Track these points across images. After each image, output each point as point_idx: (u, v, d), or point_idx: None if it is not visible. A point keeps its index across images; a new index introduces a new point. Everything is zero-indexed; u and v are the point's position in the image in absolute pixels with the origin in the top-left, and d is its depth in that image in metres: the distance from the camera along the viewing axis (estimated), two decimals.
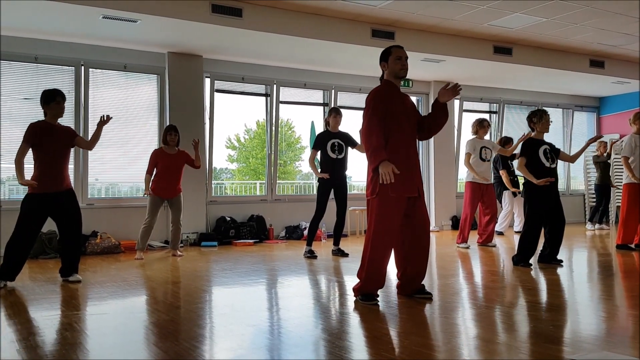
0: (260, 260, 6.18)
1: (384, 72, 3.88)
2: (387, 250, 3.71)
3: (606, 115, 12.24)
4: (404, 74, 3.82)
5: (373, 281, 3.72)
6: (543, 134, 5.52)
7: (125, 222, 7.39)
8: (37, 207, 4.56)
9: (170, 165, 6.38)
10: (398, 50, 3.82)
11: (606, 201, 9.69)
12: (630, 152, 6.41)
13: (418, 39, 8.03)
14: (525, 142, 5.52)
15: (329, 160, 6.22)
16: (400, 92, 3.87)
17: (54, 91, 4.68)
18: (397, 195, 3.64)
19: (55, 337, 3.00)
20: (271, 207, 8.74)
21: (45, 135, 4.59)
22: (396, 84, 3.86)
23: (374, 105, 3.71)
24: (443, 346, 2.76)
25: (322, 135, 6.37)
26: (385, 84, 3.87)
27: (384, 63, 3.85)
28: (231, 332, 3.07)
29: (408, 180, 3.70)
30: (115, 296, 4.17)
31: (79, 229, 4.76)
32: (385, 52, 3.85)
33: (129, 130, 7.78)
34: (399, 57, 3.79)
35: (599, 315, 3.37)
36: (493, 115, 11.11)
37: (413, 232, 3.79)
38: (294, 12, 7.12)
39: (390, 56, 3.81)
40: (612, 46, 9.01)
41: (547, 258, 5.46)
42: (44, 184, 4.56)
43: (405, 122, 3.77)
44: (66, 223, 4.68)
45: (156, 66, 7.86)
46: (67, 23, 6.53)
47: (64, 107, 4.73)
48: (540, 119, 5.46)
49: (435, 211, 9.98)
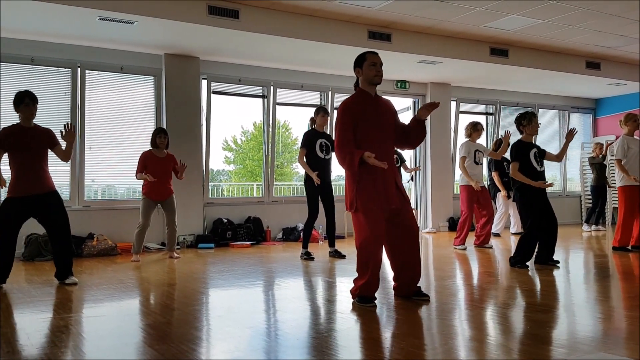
0: (257, 262, 6.17)
1: (359, 78, 3.83)
2: (377, 255, 3.69)
3: (602, 117, 12.28)
4: (379, 80, 3.76)
5: (368, 284, 3.72)
6: (532, 137, 5.53)
7: (121, 224, 7.37)
8: (16, 210, 4.49)
9: (159, 169, 6.34)
10: (373, 56, 3.77)
11: (602, 202, 9.71)
12: (622, 154, 6.42)
13: (414, 41, 8.04)
14: (515, 146, 5.50)
15: (317, 159, 6.18)
16: (374, 99, 3.79)
17: (23, 93, 4.61)
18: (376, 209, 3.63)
19: (51, 340, 2.99)
20: (268, 208, 8.74)
21: (17, 139, 4.52)
22: (370, 92, 3.80)
23: (343, 118, 3.68)
24: (440, 347, 2.76)
25: (310, 133, 6.28)
26: (357, 93, 3.81)
27: (358, 69, 3.79)
28: (228, 334, 3.06)
29: (387, 193, 3.67)
30: (112, 298, 4.16)
31: (67, 231, 4.69)
32: (360, 58, 3.79)
33: (125, 132, 7.77)
34: (374, 63, 3.73)
35: (596, 317, 3.38)
36: (489, 117, 11.14)
37: (402, 242, 3.77)
38: (290, 14, 7.13)
39: (364, 62, 3.75)
40: (608, 48, 9.05)
41: (544, 259, 5.47)
42: (21, 187, 4.50)
43: (378, 133, 3.71)
44: (52, 226, 4.62)
45: (153, 68, 7.85)
46: (64, 24, 6.52)
47: (35, 108, 4.62)
48: (530, 121, 5.45)
49: (432, 213, 9.99)
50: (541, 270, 5.19)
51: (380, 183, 3.65)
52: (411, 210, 3.87)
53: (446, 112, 10.24)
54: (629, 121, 6.53)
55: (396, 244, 3.79)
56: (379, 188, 3.65)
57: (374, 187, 3.63)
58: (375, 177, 3.64)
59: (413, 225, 3.80)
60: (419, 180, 10.26)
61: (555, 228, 5.41)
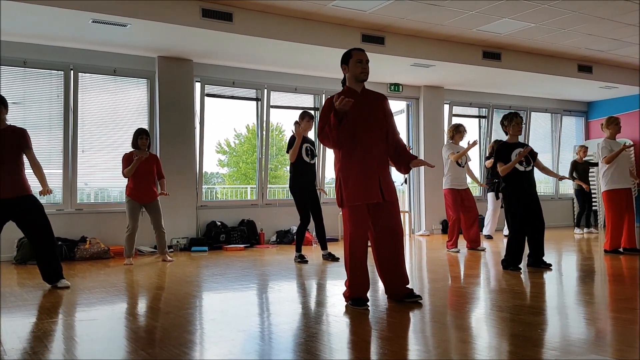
0: (250, 265, 6.16)
1: (345, 75, 3.84)
2: (363, 254, 3.74)
3: (594, 120, 12.35)
4: (365, 77, 3.76)
5: (358, 285, 3.75)
6: (517, 137, 5.59)
7: (114, 227, 7.35)
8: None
9: (142, 170, 6.31)
10: (359, 53, 3.77)
11: (589, 205, 9.76)
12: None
13: (408, 44, 8.07)
14: (498, 147, 5.58)
15: (303, 164, 6.21)
16: (361, 96, 3.78)
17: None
18: (356, 203, 3.65)
19: (42, 344, 2.97)
20: (262, 211, 8.73)
21: None
22: (357, 89, 3.80)
23: (326, 113, 3.68)
24: (433, 350, 2.77)
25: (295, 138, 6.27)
26: (345, 91, 3.81)
27: (344, 66, 3.80)
28: (221, 338, 3.05)
29: (367, 187, 3.67)
30: (104, 302, 4.14)
31: (48, 234, 4.56)
32: (346, 55, 3.80)
33: (118, 135, 7.75)
34: (360, 60, 3.74)
35: (587, 319, 3.39)
36: (482, 120, 11.18)
37: (384, 240, 3.78)
38: (284, 17, 7.14)
39: (350, 59, 3.76)
40: (600, 51, 9.11)
41: (535, 262, 5.51)
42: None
43: (362, 131, 3.69)
44: (30, 230, 4.52)
45: (146, 70, 7.83)
46: (57, 27, 6.50)
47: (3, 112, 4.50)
48: (510, 122, 5.53)
49: (425, 216, 10.02)
50: (533, 273, 5.22)
51: (361, 178, 3.67)
52: (396, 211, 3.83)
53: (439, 115, 10.27)
54: (611, 124, 6.58)
55: (379, 245, 3.82)
56: (360, 182, 3.67)
57: (355, 182, 3.66)
58: (358, 171, 3.66)
59: (394, 226, 3.78)
60: (413, 183, 10.28)
61: (541, 229, 5.44)
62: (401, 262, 3.84)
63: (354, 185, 3.66)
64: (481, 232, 8.08)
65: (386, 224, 3.76)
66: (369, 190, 3.68)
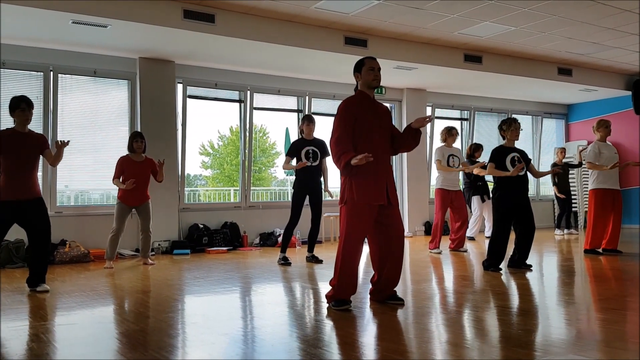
0: (233, 267, 6.13)
1: (358, 82, 3.99)
2: (357, 256, 3.81)
3: (574, 122, 12.52)
4: (377, 84, 3.94)
5: (346, 286, 3.78)
6: (513, 142, 5.65)
7: (94, 231, 7.26)
8: (2, 214, 4.48)
9: (137, 174, 6.25)
10: (371, 61, 3.94)
11: (569, 207, 9.87)
12: (594, 159, 6.54)
13: (390, 47, 8.11)
14: (494, 150, 5.65)
15: (304, 167, 6.24)
16: (372, 102, 3.96)
17: (19, 98, 4.62)
18: (364, 204, 3.73)
19: (21, 349, 2.93)
20: (245, 214, 8.70)
21: (11, 143, 4.53)
22: (369, 94, 3.96)
23: (343, 114, 3.83)
24: (415, 351, 2.77)
25: (297, 142, 6.40)
26: (358, 94, 3.98)
27: (357, 74, 3.97)
28: (203, 342, 3.03)
29: (376, 189, 3.78)
30: (84, 306, 4.09)
31: (47, 239, 4.68)
32: (359, 64, 3.97)
33: (99, 137, 7.67)
34: (372, 68, 3.91)
35: (568, 319, 3.43)
36: (464, 122, 11.27)
37: (387, 241, 3.87)
38: (267, 19, 7.12)
39: (363, 67, 3.93)
40: (580, 54, 9.23)
41: (517, 263, 5.57)
42: (10, 191, 4.49)
43: (375, 133, 3.85)
44: (34, 232, 4.61)
45: (127, 72, 7.76)
46: (36, 28, 6.41)
47: (31, 113, 4.65)
48: (509, 127, 5.61)
49: (408, 217, 10.06)
50: (514, 274, 5.27)
51: (371, 179, 3.76)
52: (399, 215, 3.96)
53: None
54: (601, 127, 6.68)
55: (383, 246, 3.87)
56: (370, 184, 3.76)
57: (365, 183, 3.74)
58: (368, 174, 3.74)
59: (400, 227, 3.91)
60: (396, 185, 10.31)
61: (531, 233, 5.51)
62: (400, 266, 3.93)
63: (366, 186, 3.75)
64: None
65: (392, 227, 3.86)
66: (379, 192, 3.79)
